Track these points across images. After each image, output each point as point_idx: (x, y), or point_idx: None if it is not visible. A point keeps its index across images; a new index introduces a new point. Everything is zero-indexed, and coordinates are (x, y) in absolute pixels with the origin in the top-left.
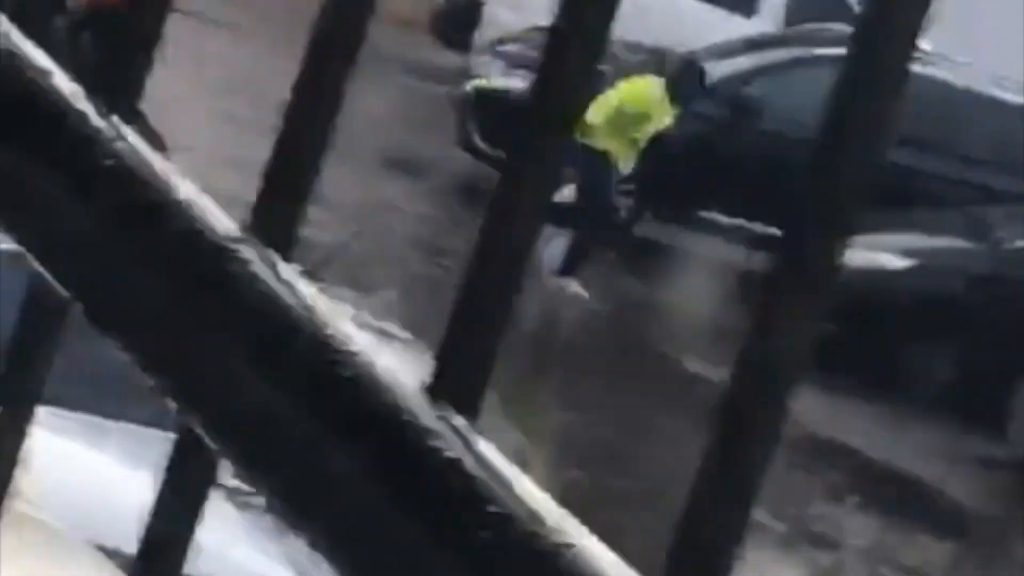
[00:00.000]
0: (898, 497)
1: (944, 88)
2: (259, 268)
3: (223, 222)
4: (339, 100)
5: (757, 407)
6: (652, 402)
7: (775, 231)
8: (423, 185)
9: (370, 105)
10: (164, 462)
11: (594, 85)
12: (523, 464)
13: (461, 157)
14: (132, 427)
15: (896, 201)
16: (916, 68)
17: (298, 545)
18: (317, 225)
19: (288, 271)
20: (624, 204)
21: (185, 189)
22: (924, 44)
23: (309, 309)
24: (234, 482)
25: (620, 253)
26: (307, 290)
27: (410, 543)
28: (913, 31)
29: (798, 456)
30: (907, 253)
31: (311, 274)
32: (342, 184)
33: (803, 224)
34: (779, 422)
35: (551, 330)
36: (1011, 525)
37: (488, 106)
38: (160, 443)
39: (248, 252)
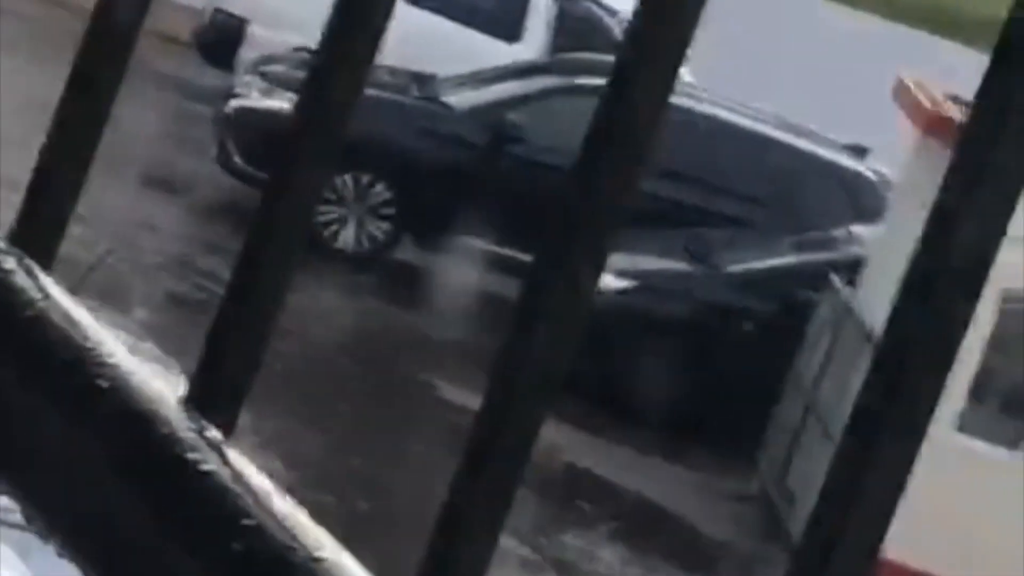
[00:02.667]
0: (648, 528)
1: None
2: (21, 279)
3: None
4: (103, 120)
5: (507, 428)
6: (405, 428)
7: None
8: (182, 204)
9: (131, 122)
10: None
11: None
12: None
13: (221, 177)
14: None
15: None
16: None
17: (44, 563)
18: (73, 241)
19: (50, 283)
20: (382, 228)
21: None
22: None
23: (71, 322)
24: None
25: (377, 278)
26: (68, 303)
27: (164, 553)
28: (673, 61)
29: (551, 486)
30: (625, 274)
31: (68, 291)
32: (100, 201)
33: (555, 248)
34: (529, 443)
35: (308, 354)
36: (758, 559)
37: (249, 126)
38: None
39: (9, 263)
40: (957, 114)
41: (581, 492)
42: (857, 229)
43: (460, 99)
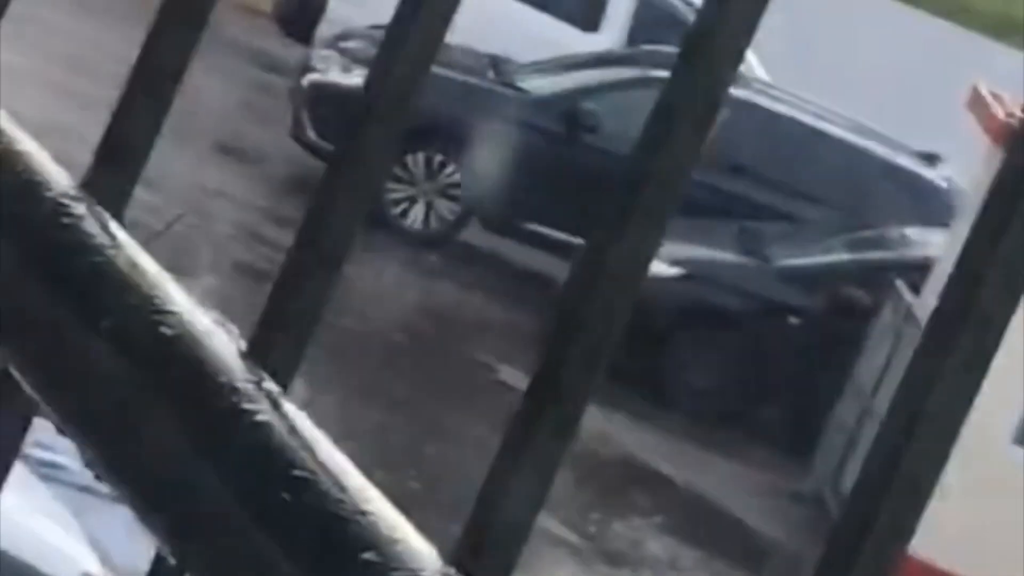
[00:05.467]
0: (700, 523)
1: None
2: (90, 225)
3: (60, 178)
4: (181, 71)
5: (552, 407)
6: (462, 409)
7: None
8: (253, 174)
9: (208, 91)
10: None
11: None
12: None
13: (293, 149)
14: None
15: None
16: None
17: (98, 522)
18: (142, 206)
19: (118, 230)
20: (449, 208)
21: (26, 142)
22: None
23: (135, 267)
24: (39, 454)
25: (442, 258)
26: (135, 251)
27: (216, 499)
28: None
29: (605, 477)
30: (677, 263)
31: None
32: (172, 167)
33: (608, 232)
34: (574, 421)
35: (369, 331)
36: (808, 559)
37: (324, 101)
38: None
39: (80, 209)
40: None
41: (635, 483)
42: (923, 233)
43: (536, 85)
